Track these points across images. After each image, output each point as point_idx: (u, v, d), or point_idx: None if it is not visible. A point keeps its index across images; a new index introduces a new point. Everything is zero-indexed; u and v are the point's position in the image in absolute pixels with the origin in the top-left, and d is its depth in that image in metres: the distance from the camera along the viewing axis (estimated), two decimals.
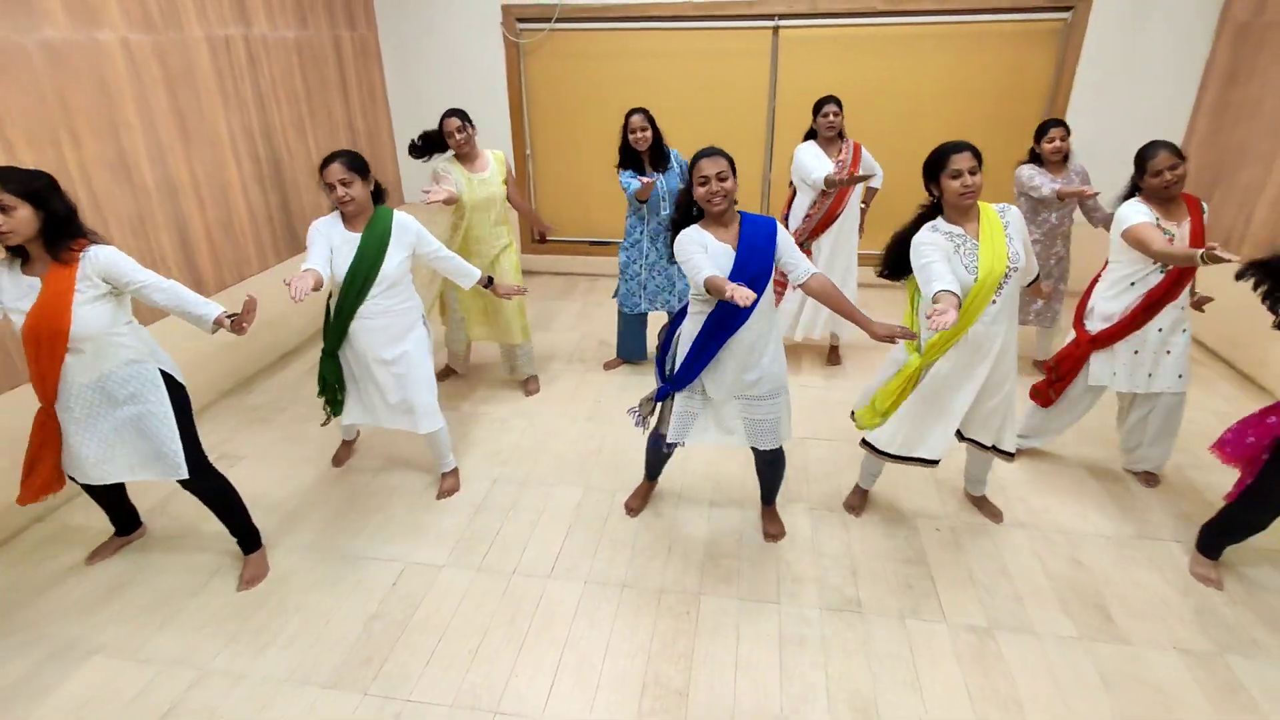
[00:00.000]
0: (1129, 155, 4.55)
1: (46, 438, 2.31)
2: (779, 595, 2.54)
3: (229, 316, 2.22)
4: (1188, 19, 4.57)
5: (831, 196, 3.74)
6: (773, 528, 2.83)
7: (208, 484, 2.51)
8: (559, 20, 5.20)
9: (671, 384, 2.53)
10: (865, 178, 3.58)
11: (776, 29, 5.04)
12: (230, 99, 3.91)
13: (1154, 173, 2.65)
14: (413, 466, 3.29)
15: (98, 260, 2.15)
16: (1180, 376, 2.81)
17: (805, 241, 3.85)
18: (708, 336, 2.39)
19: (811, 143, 3.78)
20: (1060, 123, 3.66)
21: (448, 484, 3.10)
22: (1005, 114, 4.99)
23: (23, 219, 2.02)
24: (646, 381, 4.05)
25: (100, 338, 2.20)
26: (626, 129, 3.60)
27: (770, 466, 2.73)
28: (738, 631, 2.38)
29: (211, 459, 3.29)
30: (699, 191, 2.29)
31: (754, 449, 2.62)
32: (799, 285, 2.33)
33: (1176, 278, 2.69)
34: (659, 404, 2.62)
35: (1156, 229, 2.62)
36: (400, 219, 2.71)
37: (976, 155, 2.28)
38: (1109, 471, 3.22)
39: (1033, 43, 4.85)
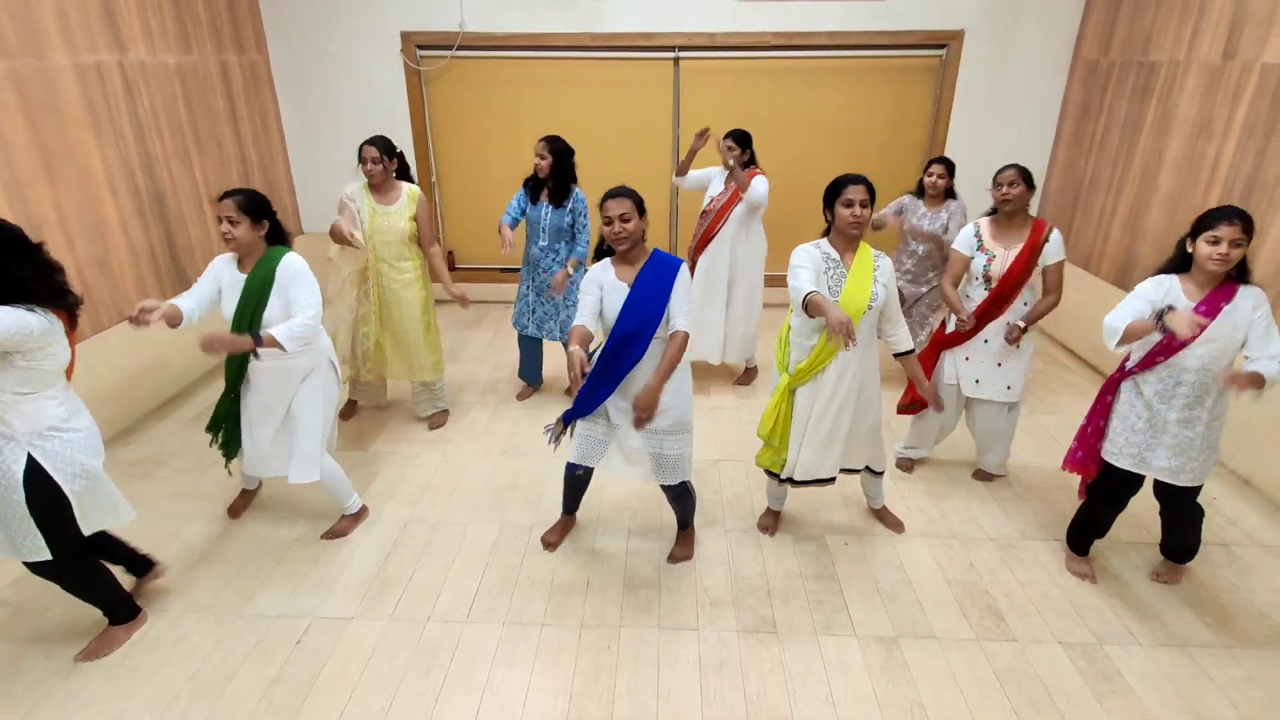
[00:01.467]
0: None
1: None
2: (698, 621, 2.57)
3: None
4: (1045, 57, 5.03)
5: (709, 219, 3.98)
6: (680, 551, 2.88)
7: (63, 568, 2.25)
8: (460, 48, 5.16)
9: (573, 409, 2.57)
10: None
11: (677, 60, 5.19)
12: (104, 130, 3.66)
13: (995, 185, 2.97)
14: (318, 514, 3.14)
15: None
16: (1009, 388, 3.10)
17: (695, 260, 4.09)
18: (603, 368, 2.47)
19: (719, 169, 4.08)
20: (943, 160, 3.91)
21: (340, 526, 2.99)
22: (895, 143, 5.32)
23: None
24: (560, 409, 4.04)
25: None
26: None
27: (678, 500, 2.79)
28: (658, 661, 2.40)
29: None
30: (605, 230, 2.39)
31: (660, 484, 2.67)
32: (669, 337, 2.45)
33: (993, 299, 2.99)
34: (568, 426, 2.64)
35: (962, 258, 3.05)
36: (287, 263, 2.56)
37: (870, 190, 2.44)
38: (996, 477, 3.45)
39: (914, 78, 5.21)
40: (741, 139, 3.89)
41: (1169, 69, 4.07)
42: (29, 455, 2.05)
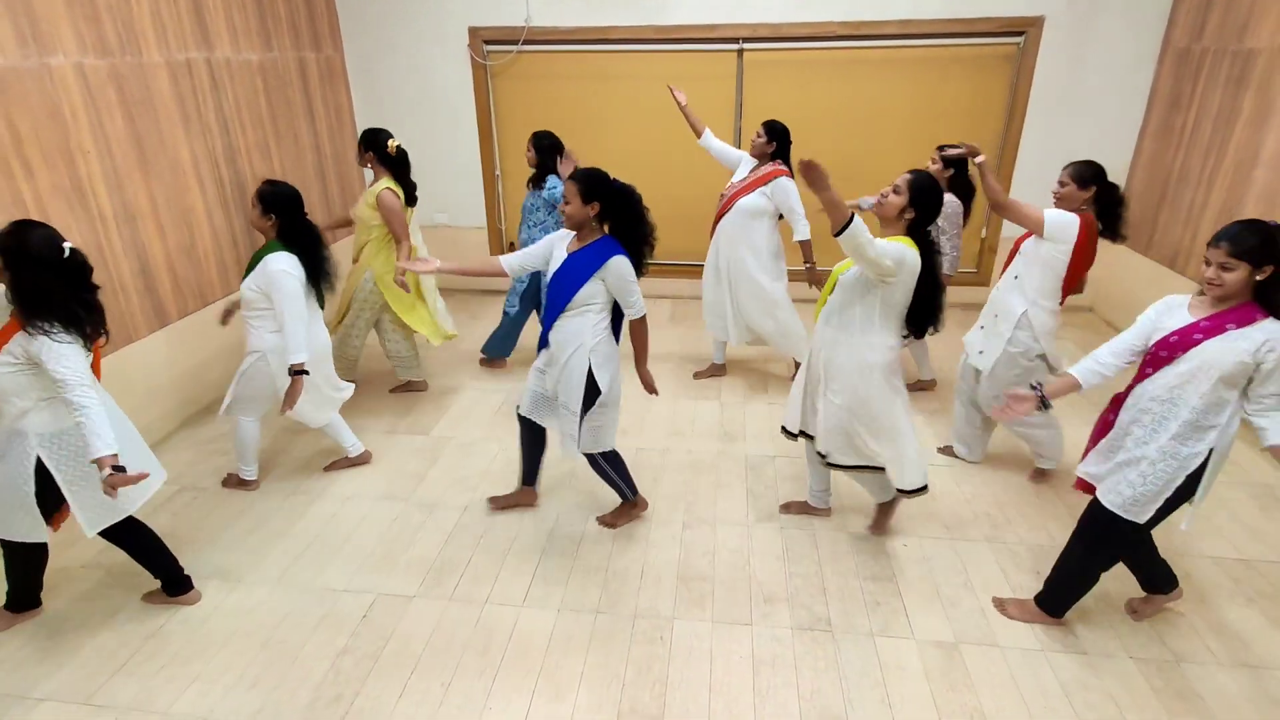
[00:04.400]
0: None
1: None
2: (751, 616, 2.56)
3: (114, 468, 2.05)
4: (1131, 45, 4.77)
5: (721, 202, 4.00)
6: (607, 517, 3.06)
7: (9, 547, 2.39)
8: (526, 42, 5.23)
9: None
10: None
11: (741, 52, 5.14)
12: (192, 123, 3.85)
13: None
14: (383, 495, 3.25)
15: (31, 343, 2.07)
16: (980, 353, 3.11)
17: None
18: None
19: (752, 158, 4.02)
20: (943, 149, 3.67)
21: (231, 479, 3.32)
22: (967, 136, 5.12)
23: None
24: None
25: (1, 400, 2.16)
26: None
27: (599, 475, 2.94)
28: (711, 655, 2.40)
29: (171, 491, 3.25)
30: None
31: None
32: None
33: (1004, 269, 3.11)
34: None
35: (1037, 216, 2.95)
36: (268, 261, 2.80)
37: (910, 183, 2.43)
38: (1066, 483, 3.31)
39: (989, 67, 5.02)
40: (772, 130, 3.81)
41: (1269, 56, 3.81)
42: (38, 456, 2.20)
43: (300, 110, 4.82)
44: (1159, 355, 2.15)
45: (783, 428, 2.94)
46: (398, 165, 3.70)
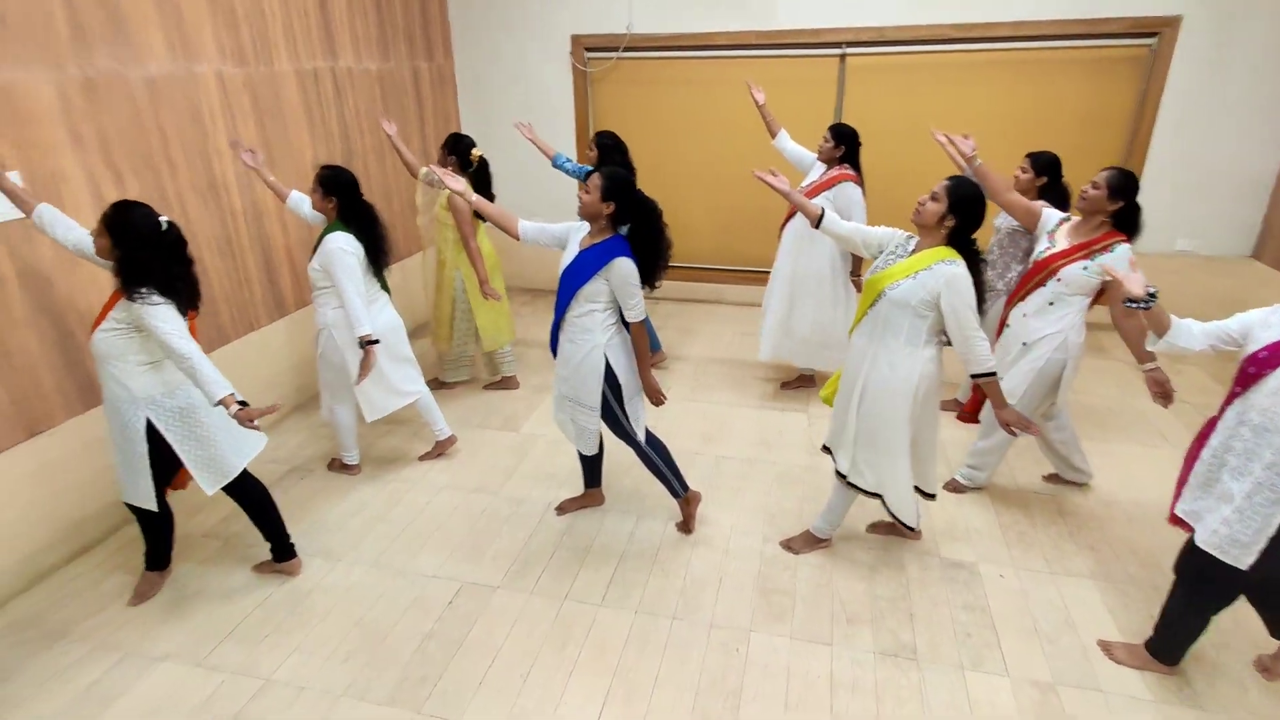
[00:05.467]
0: (1215, 188, 4.42)
1: None
2: (832, 636, 2.49)
3: (238, 403, 2.24)
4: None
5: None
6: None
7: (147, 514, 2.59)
8: (626, 49, 5.31)
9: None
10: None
11: (843, 56, 5.02)
12: (316, 128, 4.13)
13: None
14: (474, 488, 3.37)
15: (132, 307, 2.25)
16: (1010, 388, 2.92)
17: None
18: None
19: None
20: (1030, 155, 3.50)
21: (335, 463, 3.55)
22: (1086, 145, 4.81)
23: (102, 247, 2.23)
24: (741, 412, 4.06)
25: (106, 362, 2.34)
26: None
27: (648, 467, 2.93)
28: (788, 671, 2.35)
29: (281, 471, 3.48)
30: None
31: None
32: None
33: (1023, 280, 2.96)
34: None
35: (1037, 212, 3.10)
36: (327, 240, 2.99)
37: (948, 189, 2.34)
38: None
39: (1115, 70, 4.69)
40: (839, 134, 3.70)
41: None
42: (147, 418, 2.39)
43: (412, 116, 5.07)
44: (1248, 372, 1.95)
45: (824, 445, 2.85)
46: (477, 175, 3.74)
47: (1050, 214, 2.99)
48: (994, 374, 2.39)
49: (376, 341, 2.97)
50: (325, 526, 3.09)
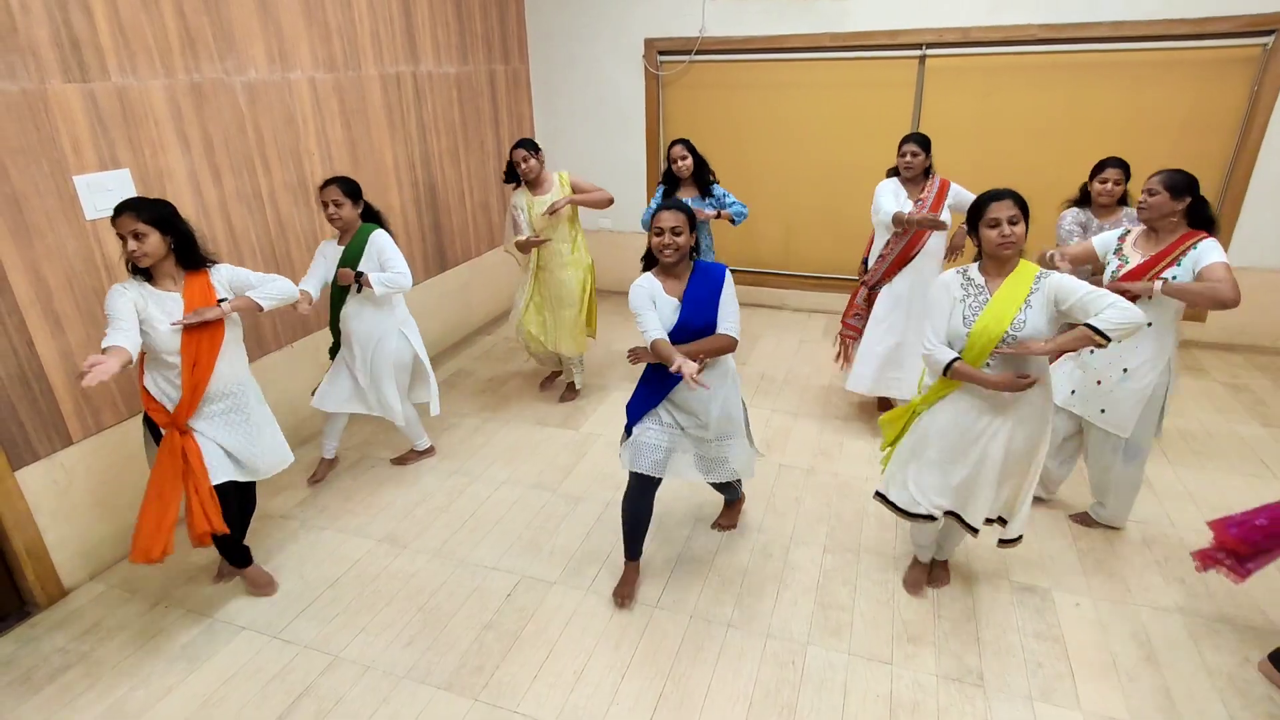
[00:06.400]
0: None
1: (188, 469, 2.36)
2: (892, 656, 2.42)
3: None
4: None
5: (906, 237, 3.46)
6: (725, 519, 3.06)
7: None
8: (699, 52, 5.30)
9: (629, 421, 2.58)
10: (938, 223, 3.29)
11: (923, 58, 4.87)
12: (397, 130, 4.29)
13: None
14: (532, 483, 3.43)
15: (221, 272, 2.44)
16: (1103, 411, 2.74)
17: (878, 284, 3.59)
18: (647, 388, 2.52)
19: (893, 180, 3.54)
20: (1119, 163, 3.23)
21: (407, 456, 3.61)
22: (1189, 151, 4.52)
23: (154, 244, 2.27)
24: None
25: (234, 343, 2.47)
26: (669, 158, 3.95)
27: (725, 489, 2.87)
28: (845, 689, 2.30)
29: (355, 458, 3.62)
30: (654, 241, 2.37)
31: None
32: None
33: None
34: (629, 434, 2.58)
35: (1089, 250, 2.79)
36: (376, 237, 3.06)
37: (1020, 204, 2.15)
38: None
39: (1222, 72, 4.39)
40: (926, 143, 3.46)
41: None
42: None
43: (487, 118, 5.20)
44: None
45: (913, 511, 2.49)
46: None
47: (1107, 235, 2.76)
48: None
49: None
50: (393, 514, 3.21)
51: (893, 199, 3.46)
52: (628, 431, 2.57)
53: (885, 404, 3.93)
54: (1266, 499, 3.16)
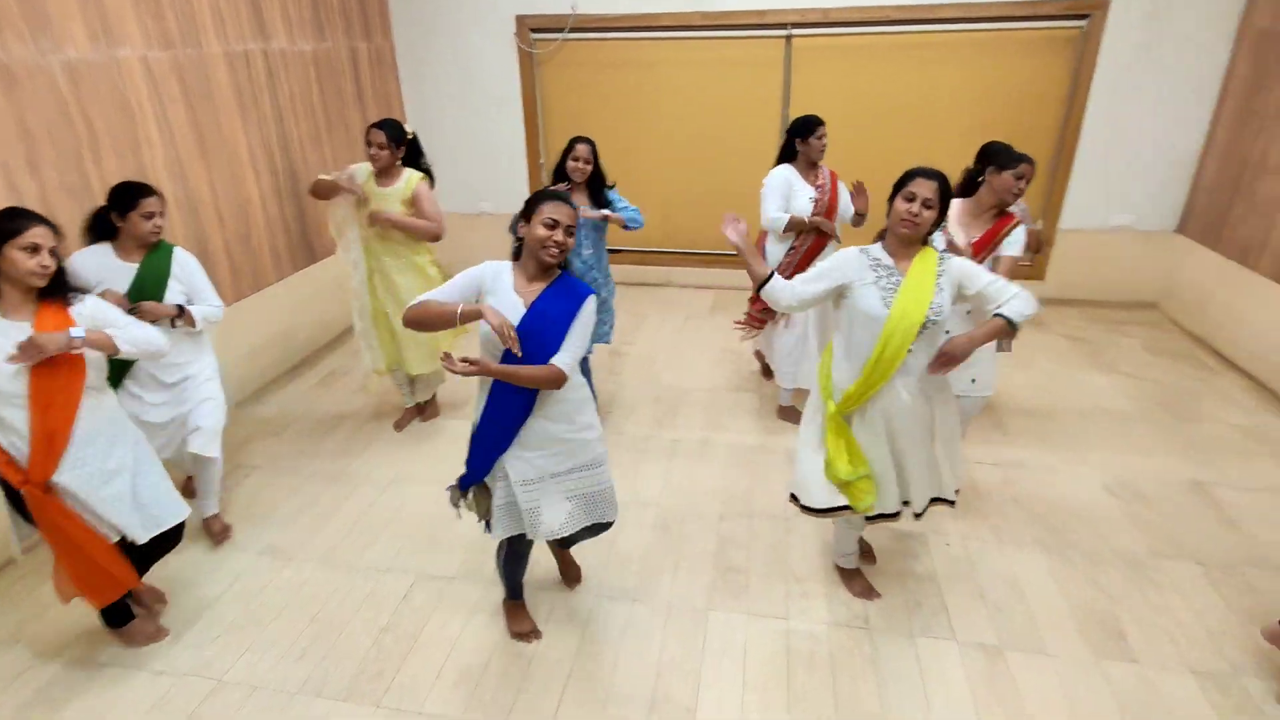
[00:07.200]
0: (1149, 169, 4.52)
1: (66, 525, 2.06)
2: (788, 611, 2.54)
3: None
4: (1204, 27, 4.51)
5: (811, 235, 3.37)
6: (575, 571, 2.67)
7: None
8: (572, 30, 5.23)
9: (469, 474, 2.15)
10: (825, 234, 3.33)
11: (789, 38, 5.04)
12: (249, 114, 3.97)
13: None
14: (426, 479, 3.32)
15: (85, 306, 2.07)
16: (973, 381, 2.87)
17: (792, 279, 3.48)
18: (489, 421, 2.06)
19: (786, 169, 3.37)
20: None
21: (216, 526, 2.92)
22: (1025, 125, 4.94)
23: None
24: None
25: (98, 374, 2.11)
26: (568, 154, 3.30)
27: (591, 532, 2.35)
28: (745, 649, 2.39)
29: (229, 468, 3.37)
30: (541, 234, 1.96)
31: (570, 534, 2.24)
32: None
33: None
34: (467, 492, 2.20)
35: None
36: (177, 255, 2.61)
37: (943, 191, 2.08)
38: (1127, 485, 3.19)
39: (1050, 51, 4.81)
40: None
41: None
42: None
43: (351, 100, 4.92)
44: None
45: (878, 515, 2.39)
46: (415, 158, 3.38)
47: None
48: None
49: None
50: (274, 523, 3.01)
51: (782, 199, 3.32)
52: (464, 483, 2.19)
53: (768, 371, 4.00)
54: (1106, 433, 3.56)
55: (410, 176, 3.31)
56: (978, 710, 2.16)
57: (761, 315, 3.61)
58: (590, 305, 2.04)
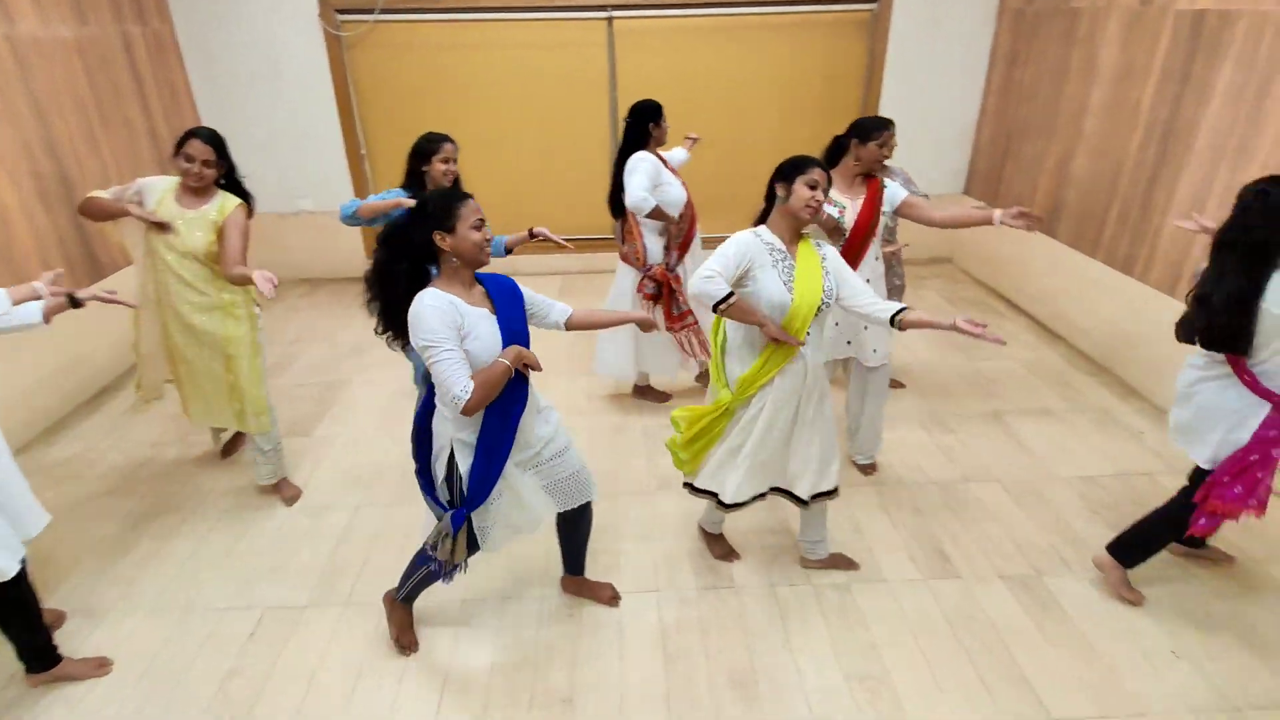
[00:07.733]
0: (937, 138, 4.89)
1: None
2: (657, 582, 2.61)
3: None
4: (975, 6, 5.08)
5: (688, 218, 3.41)
6: (604, 593, 2.55)
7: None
8: (384, 11, 4.93)
9: (466, 505, 1.99)
10: (674, 220, 3.32)
11: (610, 20, 5.07)
12: None
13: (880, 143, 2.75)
14: (265, 505, 3.05)
15: None
16: (874, 351, 2.95)
17: (675, 267, 3.43)
18: (493, 443, 1.96)
19: (645, 156, 3.27)
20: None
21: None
22: (831, 102, 5.33)
23: None
24: None
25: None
26: (432, 154, 2.83)
27: (579, 523, 2.42)
28: (620, 625, 2.43)
29: None
30: (475, 237, 1.84)
31: (561, 515, 2.30)
32: (564, 327, 2.15)
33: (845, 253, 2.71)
34: (454, 535, 2.00)
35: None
36: None
37: (828, 176, 2.18)
38: (937, 422, 3.57)
39: (847, 33, 5.20)
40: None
41: (1091, 15, 4.16)
42: None
43: (130, 92, 4.35)
44: None
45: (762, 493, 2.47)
46: (235, 184, 2.78)
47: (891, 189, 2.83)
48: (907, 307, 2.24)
49: None
50: (79, 581, 2.64)
51: (650, 182, 3.23)
52: (459, 520, 1.98)
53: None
54: (913, 378, 3.94)
55: (224, 201, 2.69)
56: (832, 640, 2.35)
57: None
58: (518, 284, 2.05)
